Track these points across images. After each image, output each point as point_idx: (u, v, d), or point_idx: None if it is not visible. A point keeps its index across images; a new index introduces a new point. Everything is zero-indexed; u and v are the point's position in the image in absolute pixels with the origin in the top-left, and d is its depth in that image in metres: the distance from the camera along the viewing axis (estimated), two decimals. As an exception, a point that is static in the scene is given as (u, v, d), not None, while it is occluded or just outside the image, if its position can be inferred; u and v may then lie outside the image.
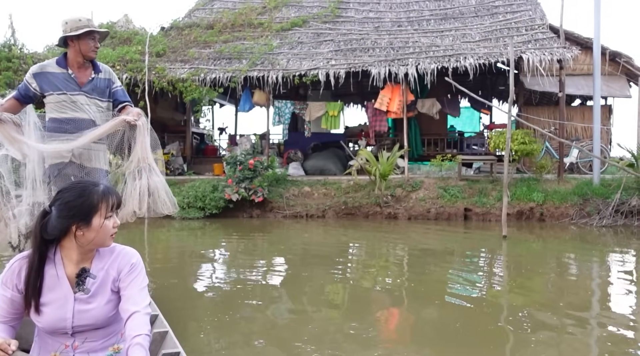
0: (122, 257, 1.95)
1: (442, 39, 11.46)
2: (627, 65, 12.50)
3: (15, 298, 1.85)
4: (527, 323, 3.62)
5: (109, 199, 1.87)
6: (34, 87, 3.19)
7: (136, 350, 1.74)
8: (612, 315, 3.87)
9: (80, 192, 1.84)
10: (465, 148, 13.52)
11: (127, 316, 1.84)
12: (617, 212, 8.67)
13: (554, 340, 3.24)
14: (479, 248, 7.05)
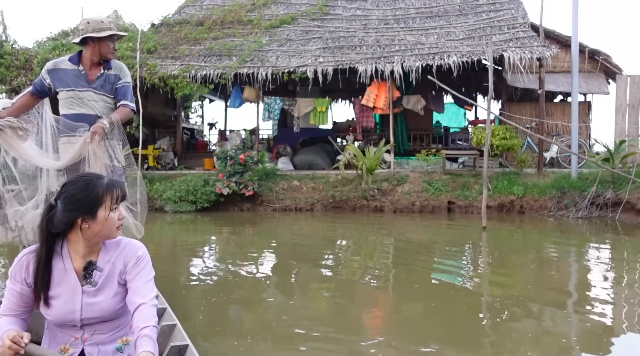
0: (128, 250, 1.97)
1: (427, 37, 11.78)
2: (605, 62, 12.94)
3: (25, 292, 1.88)
4: (504, 310, 3.95)
5: (113, 192, 1.88)
6: (48, 83, 3.34)
7: (144, 341, 1.75)
8: (588, 301, 4.21)
9: (85, 185, 1.86)
10: (450, 144, 13.88)
11: (133, 308, 1.86)
12: (592, 204, 9.06)
13: (531, 326, 3.58)
14: (459, 239, 7.40)
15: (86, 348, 1.92)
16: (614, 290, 4.48)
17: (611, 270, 5.26)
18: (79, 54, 3.38)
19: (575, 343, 3.18)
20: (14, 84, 11.21)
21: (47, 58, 11.50)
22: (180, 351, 2.13)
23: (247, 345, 3.07)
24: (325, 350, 3.00)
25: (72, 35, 13.71)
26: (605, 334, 3.29)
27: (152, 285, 1.95)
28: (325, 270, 5.28)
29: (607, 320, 3.60)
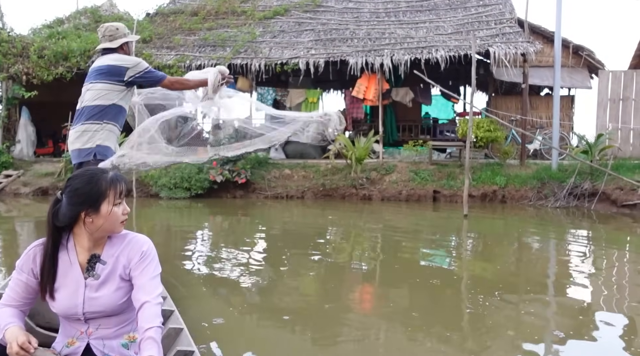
0: (133, 245, 1.96)
1: (417, 31, 12.11)
2: (588, 58, 13.33)
3: (30, 283, 1.90)
4: (483, 294, 4.34)
5: (117, 186, 1.88)
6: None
7: (148, 344, 1.74)
8: (564, 283, 4.61)
9: (89, 179, 1.86)
10: (438, 135, 14.24)
11: (138, 306, 1.85)
12: (570, 194, 9.49)
13: (509, 307, 3.96)
14: (441, 226, 7.80)
15: (91, 342, 1.93)
16: (588, 273, 4.82)
17: (585, 255, 5.66)
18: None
19: (554, 321, 3.41)
20: (11, 71, 11.43)
21: (44, 46, 11.73)
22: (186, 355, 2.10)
23: (233, 321, 3.43)
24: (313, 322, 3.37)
25: (69, 23, 13.88)
26: (581, 312, 3.54)
27: (157, 282, 1.93)
28: (314, 252, 5.65)
29: (583, 300, 3.88)
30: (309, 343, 3.01)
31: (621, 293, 4.07)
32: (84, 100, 3.58)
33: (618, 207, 8.84)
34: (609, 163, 9.57)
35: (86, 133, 3.46)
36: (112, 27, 3.70)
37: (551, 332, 3.18)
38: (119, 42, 3.69)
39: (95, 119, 3.48)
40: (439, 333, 3.14)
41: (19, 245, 5.91)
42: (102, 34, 3.70)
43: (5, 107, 11.79)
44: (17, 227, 7.64)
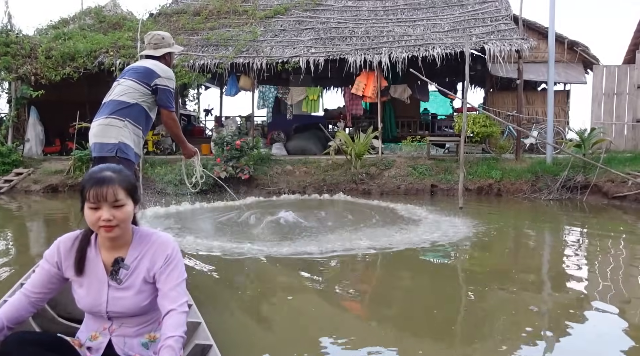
0: (157, 247, 1.94)
1: (414, 29, 12.38)
2: (583, 53, 13.60)
3: (53, 274, 1.94)
4: (477, 283, 4.65)
5: (92, 188, 1.80)
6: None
7: (166, 352, 1.74)
8: (555, 273, 4.91)
9: (87, 174, 1.88)
10: (437, 130, 14.56)
11: (164, 312, 1.86)
12: (564, 187, 9.78)
13: (500, 294, 4.28)
14: (437, 217, 8.10)
15: (113, 339, 1.96)
16: (579, 262, 5.04)
17: (576, 245, 5.97)
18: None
19: (548, 311, 3.52)
20: (20, 71, 11.74)
21: (51, 46, 12.05)
22: (203, 350, 2.13)
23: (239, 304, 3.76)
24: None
25: (74, 23, 14.16)
26: (574, 299, 3.72)
27: (182, 289, 1.92)
28: (311, 238, 5.97)
29: (574, 287, 4.07)
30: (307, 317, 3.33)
31: (614, 280, 4.37)
32: (112, 93, 3.57)
33: (609, 199, 9.13)
34: (601, 157, 9.86)
35: (110, 127, 3.42)
36: (159, 36, 3.75)
37: (546, 320, 3.29)
38: (162, 52, 3.76)
39: (118, 115, 3.46)
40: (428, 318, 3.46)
41: (33, 240, 6.24)
42: (147, 41, 3.77)
43: (14, 107, 12.11)
44: (29, 223, 7.97)
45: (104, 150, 3.38)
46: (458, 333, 3.11)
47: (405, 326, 3.21)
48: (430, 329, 3.16)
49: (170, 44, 3.80)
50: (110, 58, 11.74)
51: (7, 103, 12.51)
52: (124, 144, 3.39)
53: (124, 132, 3.42)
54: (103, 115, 3.46)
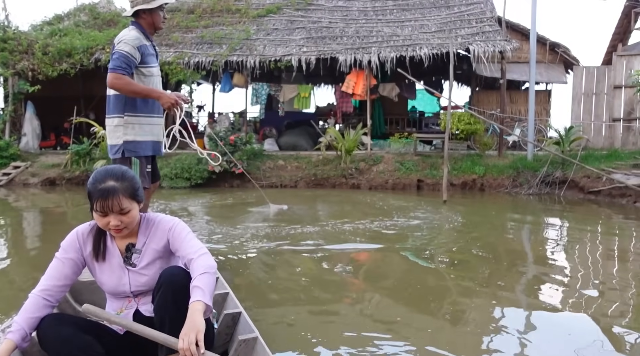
0: (159, 230, 2.09)
1: (402, 29, 12.82)
2: (564, 54, 14.14)
3: (75, 261, 2.04)
4: (456, 270, 5.09)
5: (97, 200, 1.91)
6: (136, 58, 3.27)
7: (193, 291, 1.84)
8: (531, 261, 5.37)
9: (90, 181, 1.96)
10: (424, 127, 15.01)
11: (189, 267, 1.96)
12: (543, 182, 10.28)
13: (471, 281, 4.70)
14: (421, 210, 8.55)
15: (140, 307, 2.11)
16: (555, 250, 5.44)
17: (550, 236, 6.43)
18: (141, 28, 3.36)
19: (527, 296, 3.69)
20: (17, 67, 11.99)
21: (47, 43, 12.31)
22: (233, 318, 2.23)
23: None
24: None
25: (69, 20, 14.41)
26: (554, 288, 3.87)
27: (193, 241, 2.05)
28: (308, 227, 6.37)
29: (547, 272, 4.47)
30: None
31: (589, 267, 4.83)
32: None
33: (585, 194, 9.64)
34: (578, 154, 10.37)
35: (113, 128, 3.37)
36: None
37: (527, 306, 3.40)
38: (132, 10, 3.34)
39: (116, 112, 3.34)
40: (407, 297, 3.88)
41: (34, 233, 6.57)
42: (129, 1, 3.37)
43: (12, 102, 12.35)
44: (30, 215, 8.28)
45: (112, 152, 3.40)
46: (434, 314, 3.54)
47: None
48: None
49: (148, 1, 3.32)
50: (106, 55, 12.02)
51: (4, 99, 12.74)
52: (127, 142, 3.32)
53: (126, 129, 3.32)
54: (106, 113, 3.42)
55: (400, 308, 3.38)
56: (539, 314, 3.23)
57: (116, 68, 3.19)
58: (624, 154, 10.83)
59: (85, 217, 2.14)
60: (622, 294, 3.66)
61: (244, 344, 2.07)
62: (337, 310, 3.32)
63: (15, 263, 4.66)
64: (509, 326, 2.98)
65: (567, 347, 2.67)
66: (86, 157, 11.48)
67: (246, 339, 2.07)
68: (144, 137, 3.40)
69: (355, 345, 2.60)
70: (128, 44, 3.22)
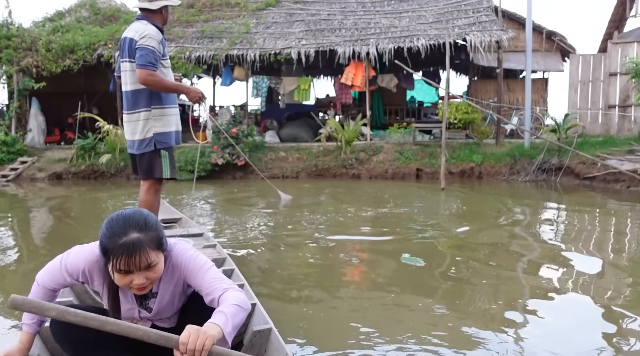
0: (174, 269, 1.83)
1: (400, 20, 12.97)
2: (561, 43, 14.28)
3: (72, 284, 1.92)
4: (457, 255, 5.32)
5: (120, 258, 1.63)
6: (160, 53, 3.31)
7: (215, 316, 1.61)
8: (527, 247, 5.60)
9: (105, 233, 1.67)
10: (423, 117, 15.21)
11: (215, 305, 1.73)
12: (539, 169, 10.48)
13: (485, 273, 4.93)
14: (420, 197, 8.79)
15: (156, 323, 1.97)
16: (554, 235, 5.65)
17: (546, 220, 6.65)
18: (153, 22, 3.38)
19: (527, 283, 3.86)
20: (22, 64, 12.19)
21: (51, 39, 12.50)
22: (262, 335, 2.07)
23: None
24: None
25: (70, 16, 14.55)
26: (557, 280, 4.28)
27: (213, 275, 1.80)
28: (309, 213, 6.60)
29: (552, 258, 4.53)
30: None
31: (584, 244, 5.06)
32: (123, 82, 3.42)
33: (580, 180, 9.85)
34: (574, 141, 10.57)
35: (138, 123, 3.38)
36: None
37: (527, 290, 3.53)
38: (159, 4, 3.37)
39: (141, 107, 3.36)
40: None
41: (36, 229, 6.80)
42: None
43: (17, 98, 12.56)
44: (37, 209, 8.52)
45: (140, 146, 3.39)
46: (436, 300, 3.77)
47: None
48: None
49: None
50: (109, 50, 12.21)
51: (9, 95, 12.95)
52: (159, 134, 3.38)
53: (155, 121, 3.37)
54: (126, 109, 3.43)
55: (405, 297, 3.61)
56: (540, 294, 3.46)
57: (147, 64, 3.20)
58: (619, 140, 11.03)
59: (90, 212, 2.30)
60: (618, 275, 3.90)
61: (259, 335, 2.04)
62: (345, 299, 3.42)
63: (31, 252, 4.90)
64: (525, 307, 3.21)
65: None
66: (91, 151, 11.70)
67: (261, 330, 2.04)
68: (170, 128, 3.47)
69: (362, 335, 2.69)
70: (153, 39, 3.25)
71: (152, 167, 3.41)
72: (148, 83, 3.24)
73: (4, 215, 7.22)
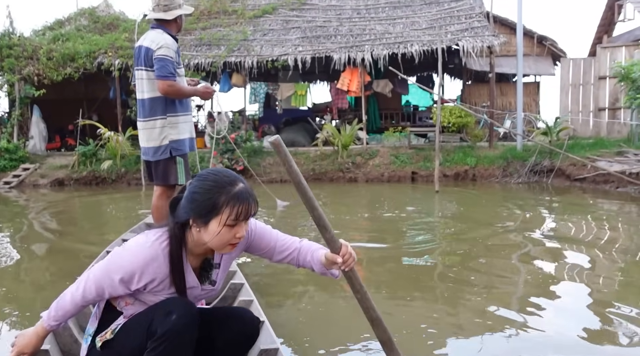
0: None
1: (394, 27, 13.25)
2: (552, 47, 14.59)
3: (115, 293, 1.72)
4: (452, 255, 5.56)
5: (238, 206, 1.62)
6: (175, 62, 3.39)
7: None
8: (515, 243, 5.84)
9: (210, 187, 1.64)
10: (418, 121, 15.47)
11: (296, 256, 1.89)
12: (531, 171, 10.74)
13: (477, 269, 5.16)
14: (415, 199, 9.04)
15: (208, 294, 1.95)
16: (546, 234, 5.87)
17: (538, 220, 6.89)
18: (167, 30, 3.45)
19: (521, 283, 4.13)
20: (23, 73, 12.41)
21: (51, 48, 12.72)
22: (268, 353, 2.02)
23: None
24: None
25: (70, 24, 14.77)
26: (548, 280, 4.39)
27: (281, 234, 1.93)
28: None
29: (545, 263, 4.63)
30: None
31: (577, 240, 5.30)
32: (138, 90, 3.50)
33: (571, 181, 10.11)
34: (564, 143, 10.84)
35: (153, 130, 3.47)
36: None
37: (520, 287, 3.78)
38: (175, 14, 3.43)
39: (157, 115, 3.44)
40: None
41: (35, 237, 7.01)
42: (156, 3, 3.42)
43: (19, 106, 12.76)
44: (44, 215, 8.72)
45: (156, 153, 3.48)
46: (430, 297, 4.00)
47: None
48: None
49: (181, 5, 3.48)
50: (109, 58, 12.43)
51: (11, 103, 13.15)
52: (174, 141, 3.49)
53: (169, 129, 3.47)
54: (141, 116, 3.52)
55: (398, 300, 3.84)
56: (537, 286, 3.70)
57: (168, 75, 3.31)
58: (609, 142, 11.32)
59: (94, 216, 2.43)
60: (610, 268, 4.14)
61: (265, 354, 1.98)
62: (340, 306, 3.52)
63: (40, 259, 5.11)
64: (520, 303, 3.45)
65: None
66: (92, 157, 11.92)
67: (268, 349, 1.99)
68: (184, 135, 3.56)
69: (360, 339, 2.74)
70: (170, 49, 3.34)
71: (167, 174, 3.52)
72: (169, 93, 3.37)
73: (8, 221, 7.42)
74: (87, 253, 4.86)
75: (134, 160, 11.78)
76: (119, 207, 8.67)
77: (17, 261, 4.73)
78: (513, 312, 3.12)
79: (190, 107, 3.71)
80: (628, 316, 2.99)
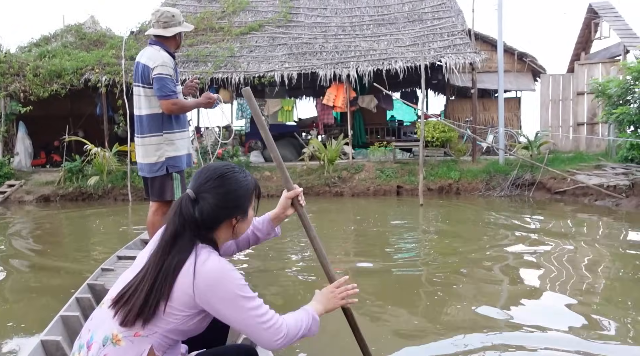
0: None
1: (379, 44, 13.52)
2: (532, 63, 14.99)
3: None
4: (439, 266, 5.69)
5: (257, 185, 1.81)
6: (174, 78, 3.44)
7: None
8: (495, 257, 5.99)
9: (239, 179, 1.71)
10: (403, 136, 15.69)
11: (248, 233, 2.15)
12: (513, 184, 10.97)
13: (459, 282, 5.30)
14: (400, 213, 9.18)
15: None
16: (527, 246, 6.17)
17: (519, 233, 7.07)
18: (165, 47, 3.49)
19: (502, 291, 4.68)
20: (9, 89, 12.41)
21: (38, 65, 12.76)
22: None
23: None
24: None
25: (56, 41, 14.82)
26: (529, 289, 4.93)
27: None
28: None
29: (524, 272, 5.20)
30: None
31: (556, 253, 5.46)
32: (135, 106, 3.53)
33: (552, 194, 10.35)
34: (545, 157, 11.11)
35: (150, 147, 3.51)
36: (169, 13, 3.47)
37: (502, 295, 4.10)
38: (174, 31, 3.47)
39: (153, 131, 3.48)
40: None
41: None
42: (156, 19, 3.47)
43: (4, 123, 12.74)
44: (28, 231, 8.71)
45: (153, 170, 3.54)
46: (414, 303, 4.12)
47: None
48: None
49: (181, 22, 3.53)
50: (96, 75, 12.50)
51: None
52: (170, 158, 3.54)
53: (166, 146, 3.51)
54: (139, 133, 3.54)
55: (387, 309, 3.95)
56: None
57: (170, 94, 3.37)
58: (587, 156, 11.62)
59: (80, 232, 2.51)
60: (591, 281, 4.30)
61: None
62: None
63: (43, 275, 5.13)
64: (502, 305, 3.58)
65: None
66: (79, 173, 11.90)
67: None
68: (181, 152, 3.61)
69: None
70: (168, 67, 3.40)
71: (163, 190, 3.57)
72: (173, 111, 3.43)
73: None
74: (69, 270, 4.91)
75: (121, 176, 11.80)
76: (105, 223, 8.68)
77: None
78: (496, 317, 3.27)
79: (187, 123, 3.73)
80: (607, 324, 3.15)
